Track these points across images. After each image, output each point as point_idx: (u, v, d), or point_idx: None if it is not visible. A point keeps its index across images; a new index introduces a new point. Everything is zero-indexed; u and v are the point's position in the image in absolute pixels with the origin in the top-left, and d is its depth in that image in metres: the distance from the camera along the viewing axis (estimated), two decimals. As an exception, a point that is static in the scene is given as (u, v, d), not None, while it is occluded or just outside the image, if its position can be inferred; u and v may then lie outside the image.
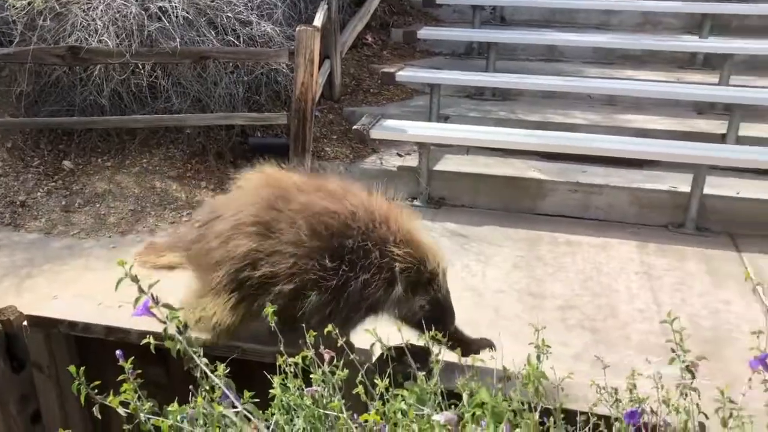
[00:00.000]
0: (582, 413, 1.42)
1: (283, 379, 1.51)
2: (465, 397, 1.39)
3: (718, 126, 6.09)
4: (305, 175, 2.56)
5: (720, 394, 1.40)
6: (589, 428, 1.37)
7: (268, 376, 1.57)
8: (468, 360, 1.79)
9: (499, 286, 4.18)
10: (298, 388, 1.49)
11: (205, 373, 1.47)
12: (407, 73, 6.17)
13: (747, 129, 5.73)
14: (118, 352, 1.57)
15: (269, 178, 2.41)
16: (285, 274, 2.11)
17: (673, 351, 1.41)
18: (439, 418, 1.21)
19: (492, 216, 5.11)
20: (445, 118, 6.24)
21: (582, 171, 5.44)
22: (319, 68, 5.70)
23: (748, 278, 4.18)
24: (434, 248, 2.37)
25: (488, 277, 4.27)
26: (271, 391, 1.54)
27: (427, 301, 2.31)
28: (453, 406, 1.47)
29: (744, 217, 4.90)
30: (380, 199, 2.39)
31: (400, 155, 5.69)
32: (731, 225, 4.91)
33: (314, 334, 1.71)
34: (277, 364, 1.59)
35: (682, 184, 5.07)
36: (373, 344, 1.83)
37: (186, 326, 1.42)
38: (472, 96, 6.92)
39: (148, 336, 1.50)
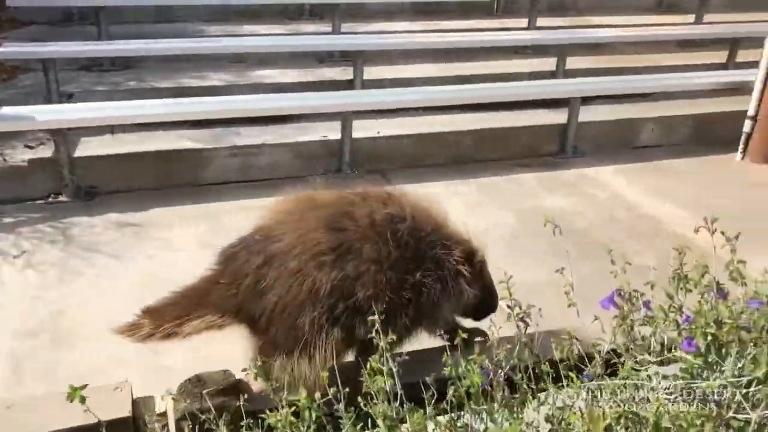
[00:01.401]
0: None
1: None
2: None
3: (340, 73, 6.55)
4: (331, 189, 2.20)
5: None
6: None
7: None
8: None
9: (194, 269, 3.91)
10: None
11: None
12: (12, 49, 5.25)
13: (366, 73, 6.28)
14: None
15: (311, 201, 2.12)
16: (377, 296, 1.88)
17: (509, 306, 1.51)
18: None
19: (158, 196, 4.74)
20: (69, 96, 5.52)
21: (236, 133, 5.35)
22: None
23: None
24: (468, 234, 2.25)
25: (180, 264, 3.97)
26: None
27: (479, 288, 2.23)
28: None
29: (386, 154, 5.41)
30: (410, 196, 2.20)
31: (30, 147, 4.85)
32: (378, 162, 5.37)
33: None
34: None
35: (331, 132, 5.35)
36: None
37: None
38: (90, 68, 6.23)
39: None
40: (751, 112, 5.63)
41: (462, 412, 1.51)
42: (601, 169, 5.54)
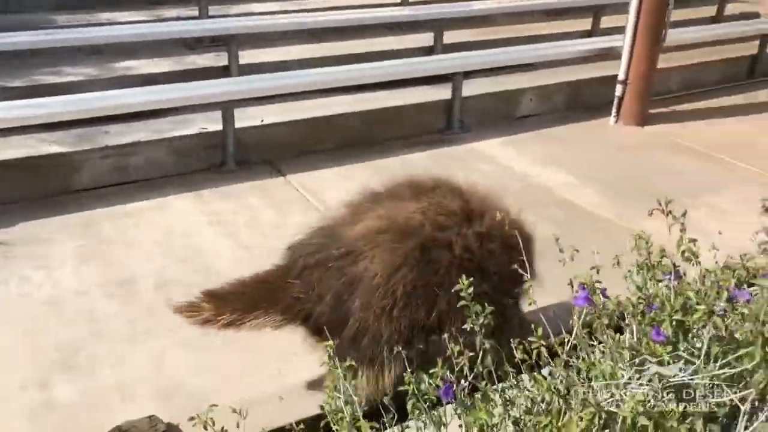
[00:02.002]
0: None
1: None
2: None
3: (213, 59, 6.20)
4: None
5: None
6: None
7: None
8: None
9: (76, 287, 3.56)
10: None
11: None
12: None
13: (239, 58, 5.98)
14: None
15: (395, 221, 1.93)
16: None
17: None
18: None
19: (26, 209, 4.26)
20: None
21: (104, 132, 4.93)
22: None
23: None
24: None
25: (59, 283, 3.59)
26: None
27: None
28: None
29: (273, 142, 5.18)
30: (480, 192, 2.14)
31: None
32: (266, 152, 5.13)
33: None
34: None
35: (211, 123, 5.04)
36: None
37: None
38: None
39: None
40: (621, 77, 5.87)
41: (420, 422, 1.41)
42: (488, 142, 5.59)
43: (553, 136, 5.78)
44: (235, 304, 1.95)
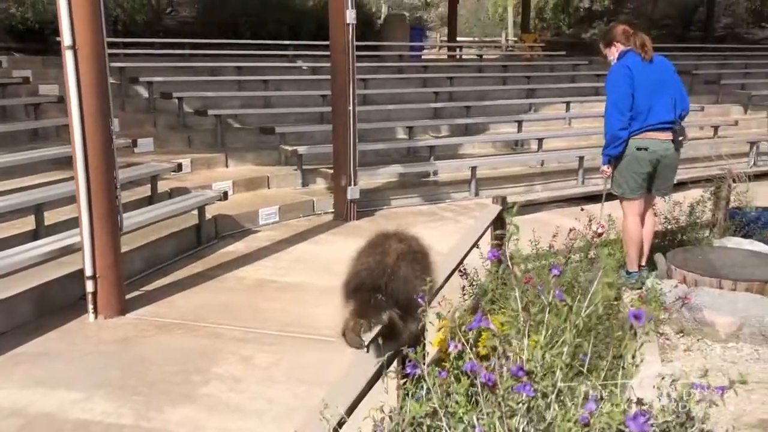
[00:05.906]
0: None
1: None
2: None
3: None
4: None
5: None
6: None
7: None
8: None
9: None
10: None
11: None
12: None
13: None
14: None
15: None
16: None
17: None
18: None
19: None
20: None
21: None
22: None
23: None
24: None
25: None
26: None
27: None
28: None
29: None
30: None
31: None
32: None
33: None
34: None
35: None
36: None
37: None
38: None
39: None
40: (89, 272, 5.62)
41: None
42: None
43: (34, 353, 5.12)
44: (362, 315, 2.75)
